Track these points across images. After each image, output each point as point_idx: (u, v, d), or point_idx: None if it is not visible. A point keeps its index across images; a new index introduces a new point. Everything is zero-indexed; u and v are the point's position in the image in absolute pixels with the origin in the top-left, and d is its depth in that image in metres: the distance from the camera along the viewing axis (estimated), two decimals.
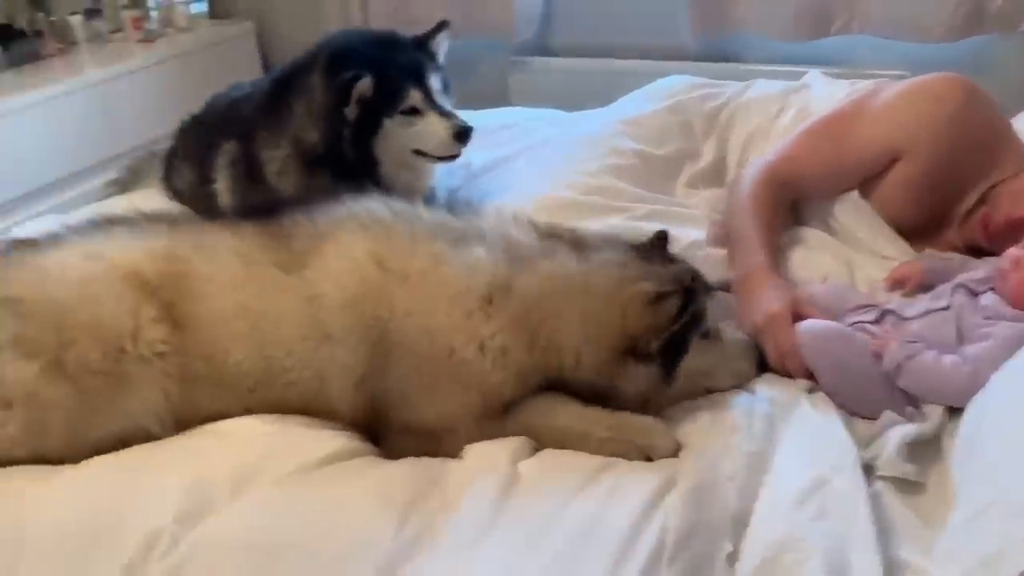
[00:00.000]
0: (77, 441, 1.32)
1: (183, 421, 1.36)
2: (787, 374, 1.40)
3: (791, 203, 1.75)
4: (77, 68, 3.20)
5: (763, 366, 1.43)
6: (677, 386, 1.35)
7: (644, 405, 1.34)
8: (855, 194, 1.71)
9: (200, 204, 2.03)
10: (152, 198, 2.20)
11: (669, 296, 1.29)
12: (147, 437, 1.34)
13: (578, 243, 1.38)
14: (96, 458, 1.31)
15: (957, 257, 1.57)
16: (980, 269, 1.48)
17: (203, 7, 3.65)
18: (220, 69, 3.28)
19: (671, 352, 1.31)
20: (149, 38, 3.41)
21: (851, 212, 1.71)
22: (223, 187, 1.98)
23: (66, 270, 1.37)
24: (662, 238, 1.45)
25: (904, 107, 1.67)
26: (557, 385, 1.35)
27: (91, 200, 2.47)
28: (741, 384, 1.41)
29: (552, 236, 1.41)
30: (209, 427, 1.35)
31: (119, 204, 2.09)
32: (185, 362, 1.35)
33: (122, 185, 2.51)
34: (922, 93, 1.68)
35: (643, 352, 1.30)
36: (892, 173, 1.67)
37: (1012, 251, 1.41)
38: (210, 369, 1.36)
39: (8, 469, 1.32)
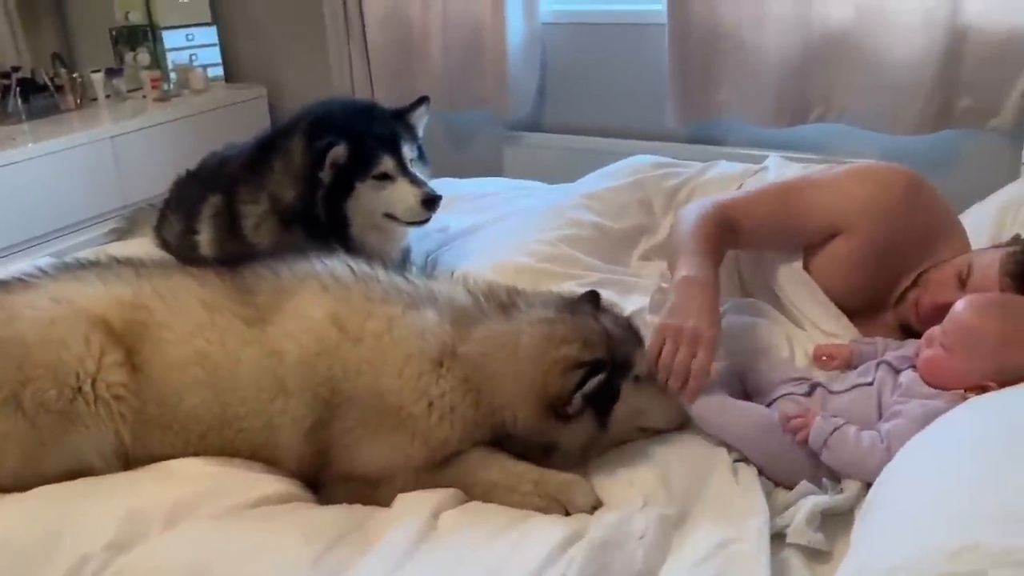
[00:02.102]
0: (29, 474, 1.38)
1: (132, 462, 1.42)
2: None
3: (730, 249, 1.78)
4: (93, 122, 3.38)
5: None
6: (615, 429, 1.41)
7: (586, 453, 1.40)
8: (799, 267, 1.78)
9: (184, 253, 2.14)
10: (143, 247, 2.31)
11: (585, 364, 1.34)
12: (95, 475, 1.40)
13: (510, 304, 1.45)
14: (44, 486, 1.37)
15: (881, 340, 1.62)
16: (907, 347, 1.54)
17: (219, 71, 3.84)
18: (232, 129, 3.41)
19: (600, 403, 1.37)
20: (165, 97, 3.60)
21: (796, 284, 1.77)
22: (205, 238, 2.08)
23: (34, 310, 1.44)
24: (593, 298, 1.51)
25: (848, 186, 1.75)
26: (503, 438, 1.41)
27: (92, 246, 2.59)
28: (672, 427, 1.45)
29: (489, 298, 1.48)
30: (155, 465, 1.42)
31: (109, 251, 2.19)
32: (140, 406, 1.41)
33: (120, 233, 2.63)
34: (867, 177, 1.76)
35: (563, 414, 1.36)
36: (833, 248, 1.74)
37: (931, 330, 1.47)
38: (163, 413, 1.42)
39: None
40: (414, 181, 1.93)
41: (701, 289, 1.52)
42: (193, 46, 3.76)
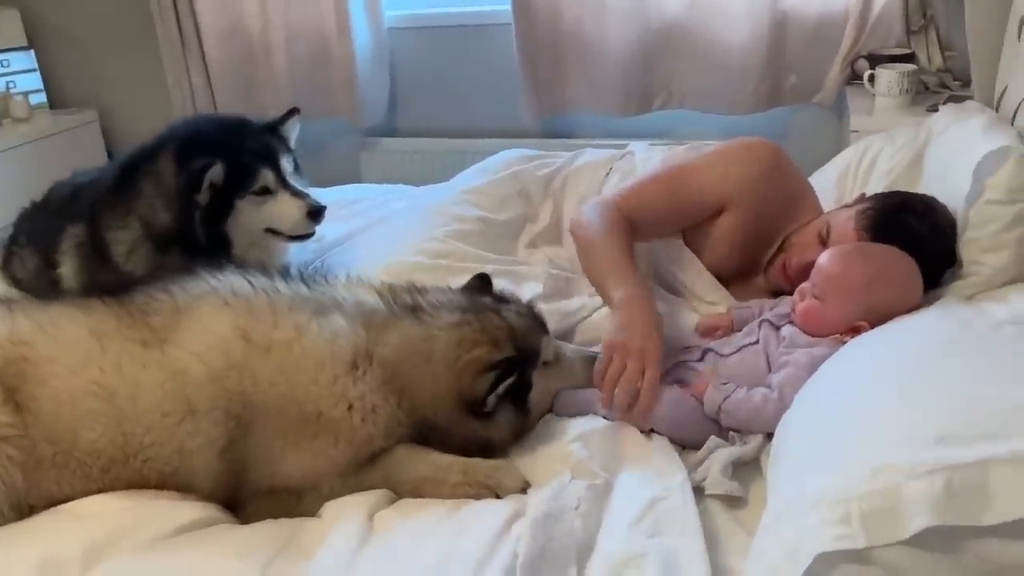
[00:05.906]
0: None
1: (28, 509, 1.34)
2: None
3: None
4: None
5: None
6: (536, 410, 1.48)
7: (519, 437, 1.47)
8: (681, 243, 1.88)
9: (42, 290, 2.00)
10: None
11: (496, 365, 1.41)
12: None
13: (415, 306, 1.49)
14: None
15: (756, 302, 1.75)
16: (782, 305, 1.67)
17: (42, 97, 3.60)
18: (63, 158, 3.24)
19: (516, 394, 1.43)
20: None
21: (680, 259, 1.88)
22: (69, 270, 1.96)
23: None
24: (484, 281, 1.59)
25: (723, 166, 1.86)
26: (432, 438, 1.43)
27: None
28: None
29: (395, 300, 1.51)
30: (58, 508, 1.34)
31: None
32: (30, 446, 1.33)
33: None
34: (737, 153, 1.88)
35: (480, 413, 1.41)
36: (718, 223, 1.85)
37: (802, 285, 1.60)
38: (57, 451, 1.35)
39: None
40: (296, 194, 1.90)
41: (642, 305, 1.55)
42: (9, 72, 3.51)
